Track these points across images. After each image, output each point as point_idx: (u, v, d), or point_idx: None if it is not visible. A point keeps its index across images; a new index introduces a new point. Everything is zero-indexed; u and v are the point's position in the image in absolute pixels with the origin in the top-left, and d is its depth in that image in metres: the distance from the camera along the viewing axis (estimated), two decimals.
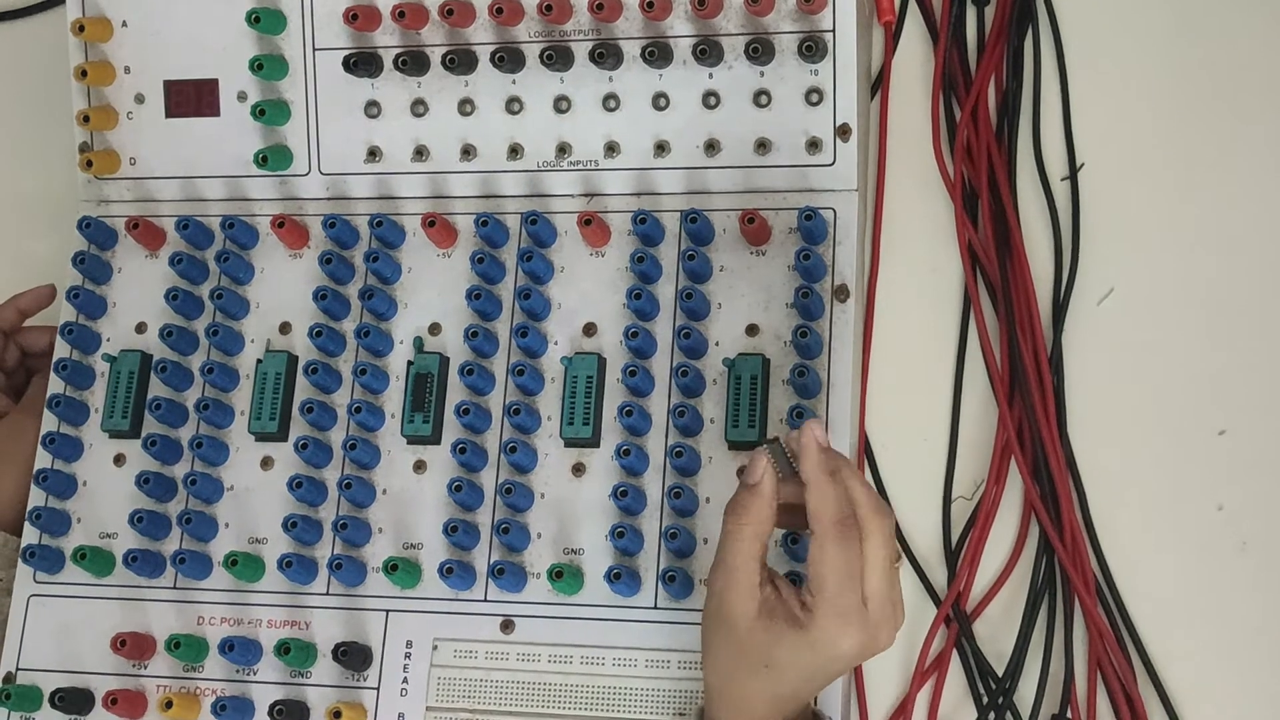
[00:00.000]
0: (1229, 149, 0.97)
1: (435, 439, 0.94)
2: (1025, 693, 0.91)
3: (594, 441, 0.92)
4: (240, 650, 0.91)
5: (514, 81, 0.96)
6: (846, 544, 0.74)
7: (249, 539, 0.95)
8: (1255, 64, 0.98)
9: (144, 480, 0.94)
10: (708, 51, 0.92)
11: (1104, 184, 0.98)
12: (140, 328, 1.00)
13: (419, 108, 0.98)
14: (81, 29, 1.00)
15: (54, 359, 0.98)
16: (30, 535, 0.96)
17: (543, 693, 0.89)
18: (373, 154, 0.99)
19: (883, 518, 0.75)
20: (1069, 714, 0.90)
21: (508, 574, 0.89)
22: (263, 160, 0.98)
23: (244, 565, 0.92)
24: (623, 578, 0.87)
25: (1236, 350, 0.94)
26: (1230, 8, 0.99)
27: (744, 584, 0.76)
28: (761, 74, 0.94)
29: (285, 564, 0.91)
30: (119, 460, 0.98)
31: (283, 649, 0.90)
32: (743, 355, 0.92)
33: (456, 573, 0.89)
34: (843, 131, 0.93)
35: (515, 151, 0.97)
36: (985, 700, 0.91)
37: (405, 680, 0.91)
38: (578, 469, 0.92)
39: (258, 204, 1.00)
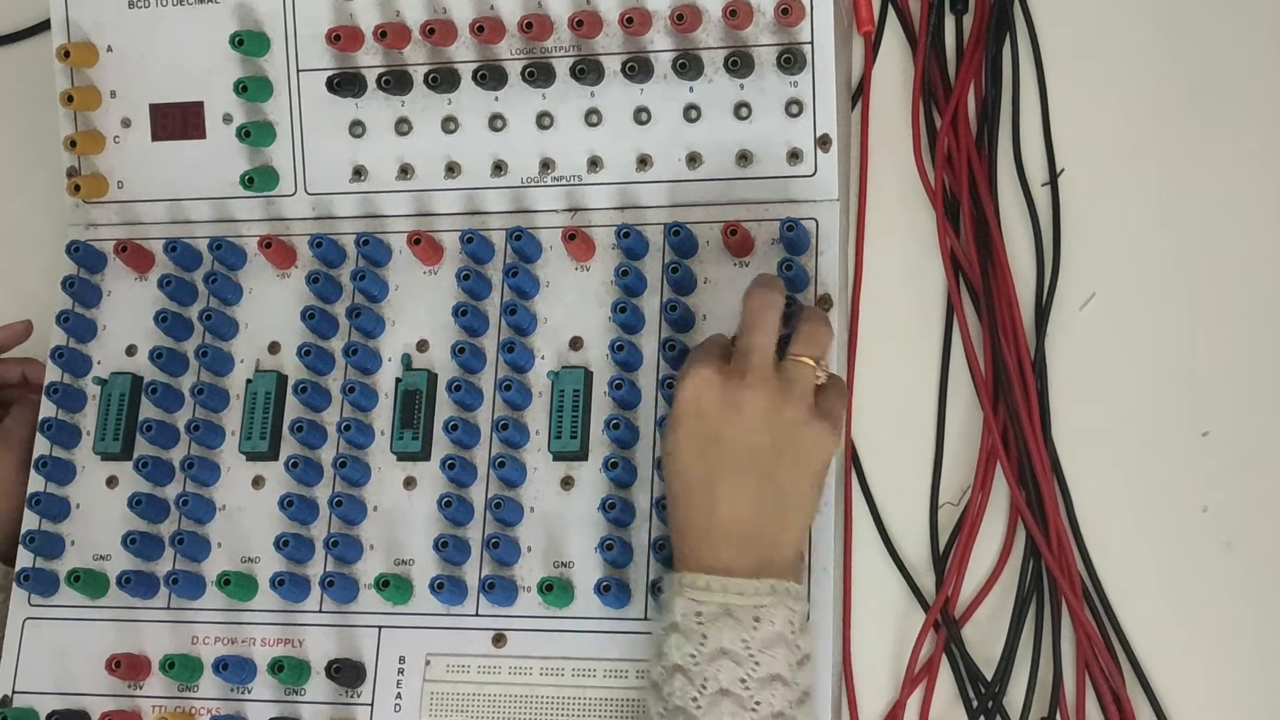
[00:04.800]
0: (1207, 152, 0.97)
1: (425, 455, 0.94)
2: (1014, 696, 0.91)
3: (582, 455, 0.92)
4: (234, 669, 0.91)
5: (496, 99, 0.97)
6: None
7: (241, 558, 0.95)
8: (1233, 68, 0.99)
9: (136, 502, 0.95)
10: (688, 65, 0.93)
11: (1084, 189, 0.99)
12: (130, 350, 1.00)
13: (403, 126, 0.99)
14: (67, 54, 1.01)
15: (45, 383, 0.99)
16: (24, 558, 0.97)
17: (535, 705, 0.89)
18: (358, 173, 0.99)
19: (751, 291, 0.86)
20: (1058, 716, 0.90)
21: (498, 588, 0.89)
22: (249, 181, 0.99)
23: (237, 584, 0.93)
24: (612, 590, 0.88)
25: (1218, 351, 0.94)
26: (1207, 13, 1.00)
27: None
28: (741, 86, 0.94)
29: (278, 582, 0.92)
30: (111, 482, 0.98)
31: (276, 667, 0.91)
32: None
33: (448, 588, 0.90)
34: (823, 142, 0.94)
35: (499, 168, 0.98)
36: (975, 704, 0.92)
37: (399, 696, 0.91)
38: (566, 482, 0.92)
39: (245, 225, 1.01)
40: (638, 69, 0.93)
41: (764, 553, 0.82)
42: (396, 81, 0.97)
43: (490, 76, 0.95)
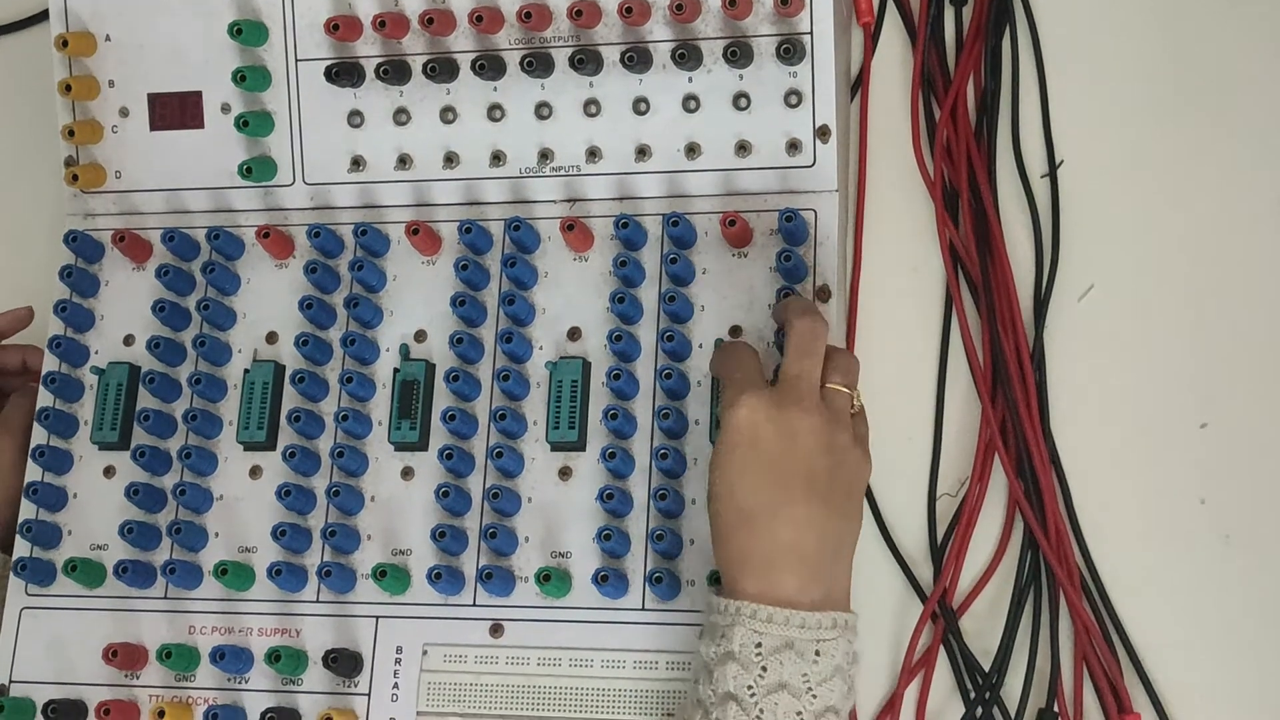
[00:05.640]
0: (1206, 145, 0.97)
1: (422, 445, 0.94)
2: (1012, 687, 0.91)
3: (580, 445, 0.92)
4: (231, 659, 0.91)
5: (495, 89, 0.97)
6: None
7: (238, 548, 0.95)
8: (1231, 61, 0.98)
9: (134, 491, 0.95)
10: (687, 55, 0.93)
11: (1083, 181, 0.98)
12: (128, 340, 1.00)
13: (401, 116, 0.98)
14: (65, 44, 1.01)
15: (43, 372, 0.99)
16: (22, 548, 0.97)
17: (532, 696, 0.89)
18: (356, 163, 0.99)
19: (798, 316, 0.85)
20: (1055, 708, 0.90)
21: (496, 578, 0.89)
22: (247, 171, 0.99)
23: (234, 574, 0.93)
24: (610, 580, 0.88)
25: (1216, 343, 0.94)
26: (1208, 6, 1.00)
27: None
28: (740, 77, 0.94)
29: (275, 572, 0.92)
30: (109, 472, 0.98)
31: (273, 657, 0.90)
32: None
33: (445, 578, 0.90)
34: (822, 133, 0.94)
35: (498, 158, 0.97)
36: (972, 695, 0.92)
37: (396, 686, 0.91)
38: (564, 473, 0.92)
39: (243, 215, 1.01)
40: (636, 59, 0.93)
41: (826, 583, 0.81)
42: (395, 71, 0.97)
43: (489, 66, 0.95)
